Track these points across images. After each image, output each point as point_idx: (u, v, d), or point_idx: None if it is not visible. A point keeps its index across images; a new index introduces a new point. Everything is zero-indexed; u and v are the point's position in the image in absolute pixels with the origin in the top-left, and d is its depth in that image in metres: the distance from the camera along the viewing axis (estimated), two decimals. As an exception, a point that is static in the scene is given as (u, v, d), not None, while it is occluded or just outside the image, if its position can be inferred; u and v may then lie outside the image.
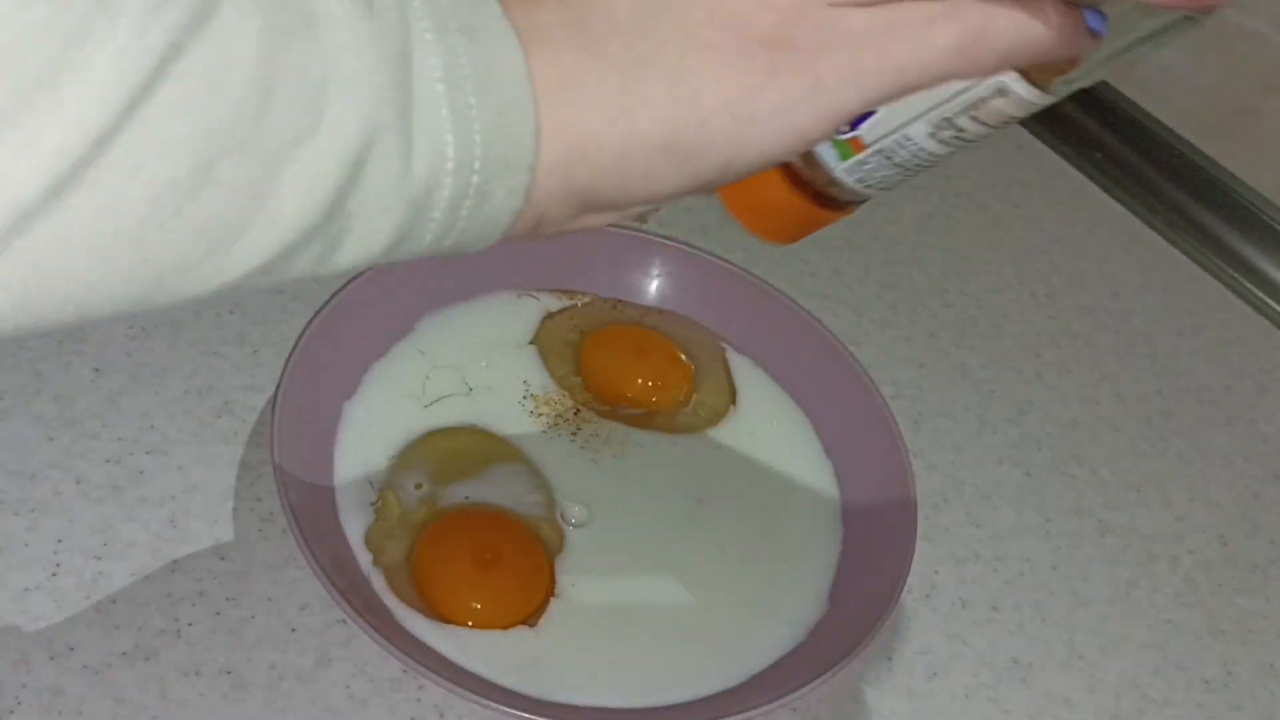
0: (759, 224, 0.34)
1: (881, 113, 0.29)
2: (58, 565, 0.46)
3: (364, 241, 0.24)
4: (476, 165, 0.24)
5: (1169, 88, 0.82)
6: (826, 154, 0.31)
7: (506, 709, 0.41)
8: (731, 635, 0.49)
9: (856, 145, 0.30)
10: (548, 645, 0.46)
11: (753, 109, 0.24)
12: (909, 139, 0.29)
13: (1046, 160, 0.84)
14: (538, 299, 0.60)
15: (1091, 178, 0.83)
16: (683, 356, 0.59)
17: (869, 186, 0.32)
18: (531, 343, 0.58)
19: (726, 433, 0.57)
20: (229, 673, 0.44)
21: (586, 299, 0.61)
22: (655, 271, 0.61)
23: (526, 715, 0.41)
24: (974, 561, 0.56)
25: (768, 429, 0.57)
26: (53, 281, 0.20)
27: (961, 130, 0.29)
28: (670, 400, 0.57)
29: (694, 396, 0.58)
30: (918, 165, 0.30)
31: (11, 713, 0.41)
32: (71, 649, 0.43)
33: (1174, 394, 0.68)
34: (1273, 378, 0.71)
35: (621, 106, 0.24)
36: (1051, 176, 0.83)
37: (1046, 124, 0.86)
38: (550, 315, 0.59)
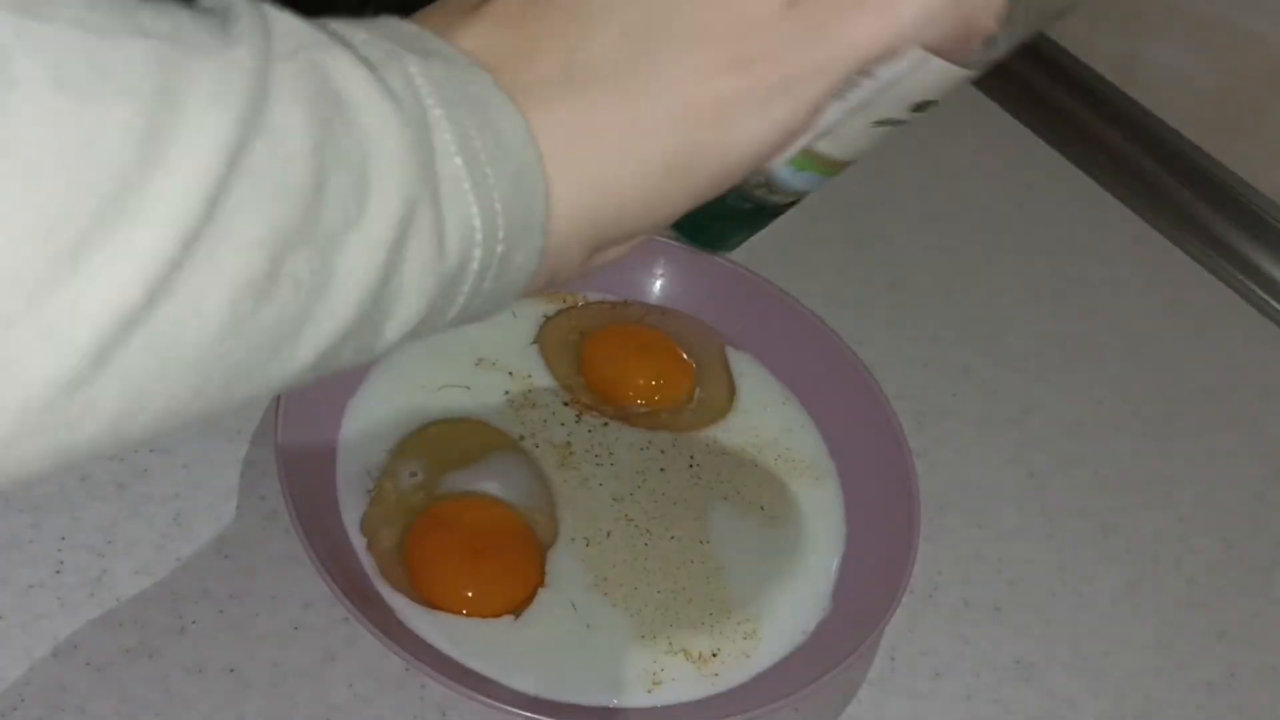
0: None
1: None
2: (61, 563, 0.46)
3: (398, 324, 0.24)
4: (500, 235, 0.24)
5: (1172, 89, 0.82)
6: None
7: (509, 709, 0.41)
8: (732, 634, 0.49)
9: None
10: (532, 636, 0.46)
11: (734, 114, 0.26)
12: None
13: (1050, 161, 0.84)
14: (537, 300, 0.60)
15: (1095, 178, 0.83)
16: (684, 355, 0.59)
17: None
18: (533, 343, 0.58)
19: (728, 432, 0.57)
20: (232, 670, 0.44)
21: (586, 299, 0.61)
22: (657, 271, 0.61)
23: (529, 715, 0.41)
24: (977, 562, 0.56)
25: (770, 428, 0.57)
26: (142, 399, 0.20)
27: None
28: (672, 399, 0.57)
29: (696, 396, 0.58)
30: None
31: (15, 709, 0.41)
32: (75, 646, 0.43)
33: (1177, 395, 0.68)
34: (1276, 379, 0.71)
35: (623, 143, 0.26)
36: (1055, 177, 0.83)
37: (1050, 124, 0.86)
38: (551, 316, 0.60)
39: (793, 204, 0.34)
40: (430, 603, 0.46)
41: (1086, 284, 0.74)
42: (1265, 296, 0.76)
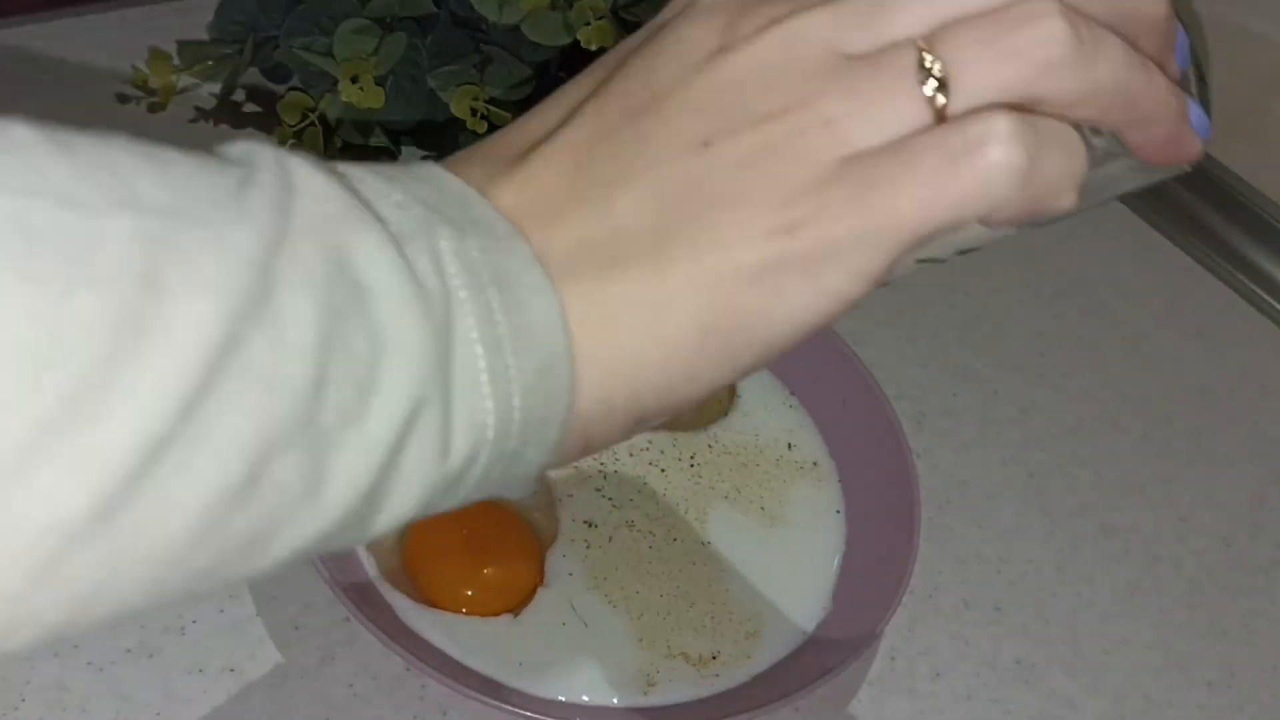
0: None
1: None
2: (62, 562, 0.46)
3: (388, 519, 0.22)
4: (514, 430, 0.22)
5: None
6: None
7: (511, 709, 0.41)
8: (732, 634, 0.49)
9: None
10: (532, 636, 0.46)
11: (777, 280, 0.23)
12: None
13: (1051, 161, 0.84)
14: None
15: (1096, 179, 0.83)
16: (686, 356, 0.59)
17: None
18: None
19: (728, 432, 0.57)
20: (232, 670, 0.44)
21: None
22: (659, 271, 0.61)
23: (531, 715, 0.41)
24: (977, 562, 0.56)
25: (771, 428, 0.57)
26: (92, 607, 0.18)
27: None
28: (673, 400, 0.57)
29: (697, 396, 0.58)
30: None
31: (15, 709, 0.41)
32: (75, 646, 0.43)
33: (1177, 395, 0.68)
34: (1276, 379, 0.71)
35: (652, 315, 0.23)
36: (1056, 177, 0.83)
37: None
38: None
39: None
40: (430, 601, 0.46)
41: (1087, 284, 0.74)
42: (1266, 297, 0.76)
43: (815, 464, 0.56)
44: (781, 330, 0.24)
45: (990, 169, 0.22)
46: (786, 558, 0.52)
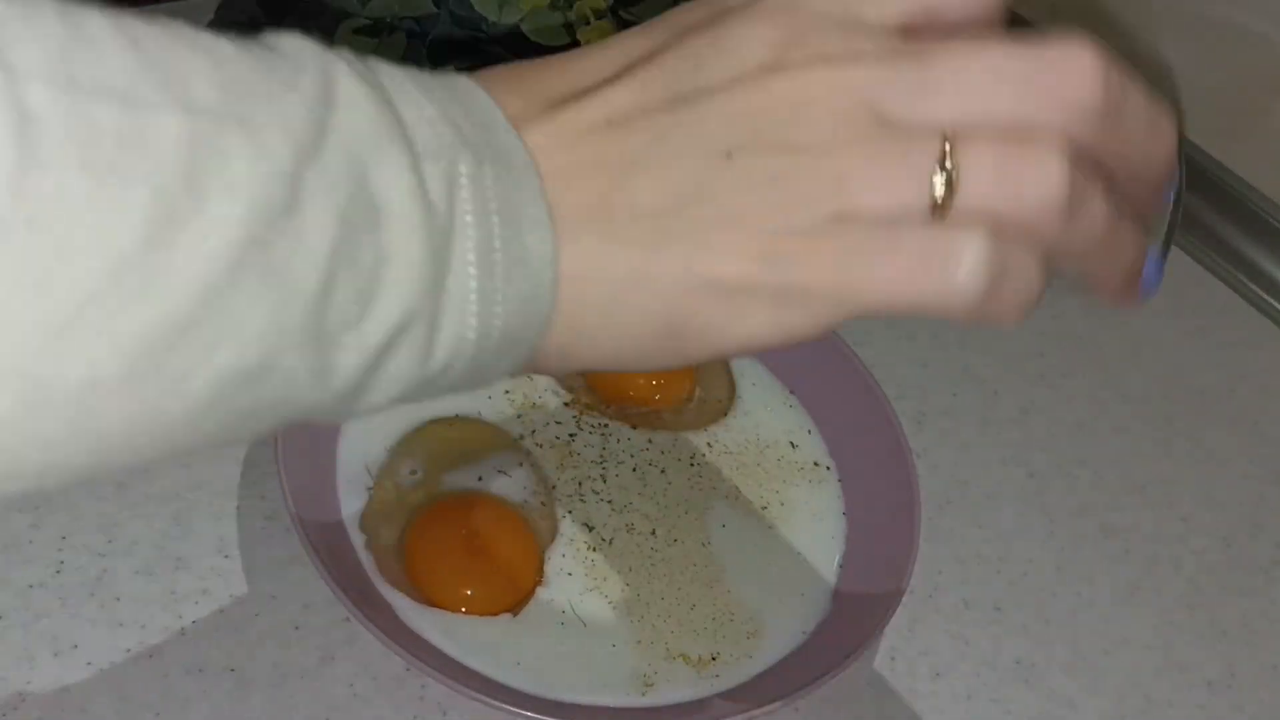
0: None
1: None
2: (62, 562, 0.46)
3: (363, 407, 0.25)
4: (491, 345, 0.25)
5: (1174, 89, 0.81)
6: None
7: (511, 708, 0.41)
8: (732, 635, 0.49)
9: None
10: (531, 635, 0.46)
11: (745, 301, 0.25)
12: None
13: (1051, 161, 0.84)
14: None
15: (1096, 179, 0.83)
16: (686, 356, 0.59)
17: None
18: (535, 342, 0.58)
19: (728, 432, 0.57)
20: (232, 670, 0.44)
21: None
22: (659, 271, 0.61)
23: (530, 714, 0.41)
24: (977, 562, 0.56)
25: (771, 429, 0.57)
26: (115, 455, 0.21)
27: None
28: (672, 399, 0.57)
29: (696, 396, 0.58)
30: None
31: (15, 709, 0.41)
32: (75, 646, 0.43)
33: (1178, 395, 0.68)
34: (1277, 379, 0.71)
35: (628, 295, 0.25)
36: (1056, 177, 0.83)
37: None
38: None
39: None
40: (429, 600, 0.46)
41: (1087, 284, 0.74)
42: (1266, 297, 0.76)
43: (816, 464, 0.56)
44: (732, 345, 0.26)
45: (957, 285, 0.24)
46: (786, 558, 0.52)
